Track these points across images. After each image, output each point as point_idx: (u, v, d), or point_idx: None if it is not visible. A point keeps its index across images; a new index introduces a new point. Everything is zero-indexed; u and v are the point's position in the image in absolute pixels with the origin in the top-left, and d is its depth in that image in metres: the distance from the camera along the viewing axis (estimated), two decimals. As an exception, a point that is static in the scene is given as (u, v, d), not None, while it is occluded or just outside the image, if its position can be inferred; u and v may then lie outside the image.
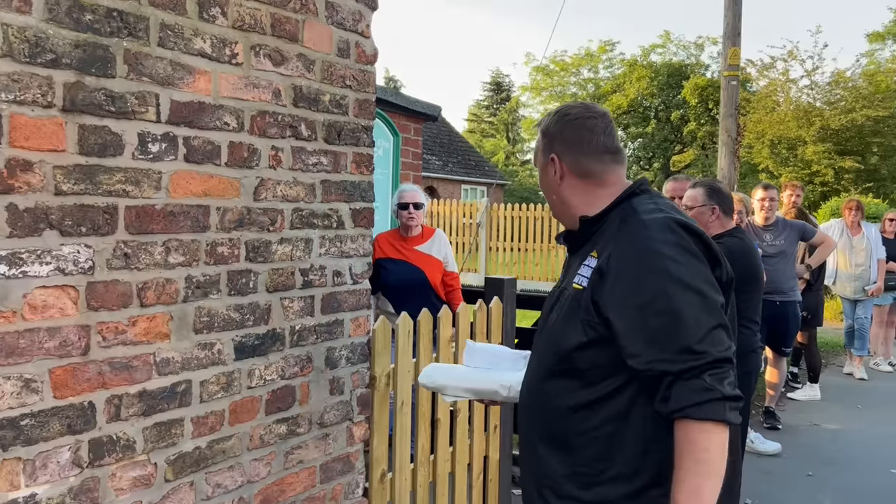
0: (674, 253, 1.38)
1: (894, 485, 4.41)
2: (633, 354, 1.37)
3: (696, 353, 1.32)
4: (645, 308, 1.36)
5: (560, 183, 1.61)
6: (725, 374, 1.33)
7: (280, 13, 2.01)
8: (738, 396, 1.34)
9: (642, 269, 1.38)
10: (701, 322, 1.34)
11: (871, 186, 15.80)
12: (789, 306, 5.35)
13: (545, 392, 1.54)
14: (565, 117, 1.62)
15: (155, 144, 1.73)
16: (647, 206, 1.50)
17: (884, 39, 31.30)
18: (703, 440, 1.31)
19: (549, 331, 1.57)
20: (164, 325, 1.77)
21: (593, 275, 1.46)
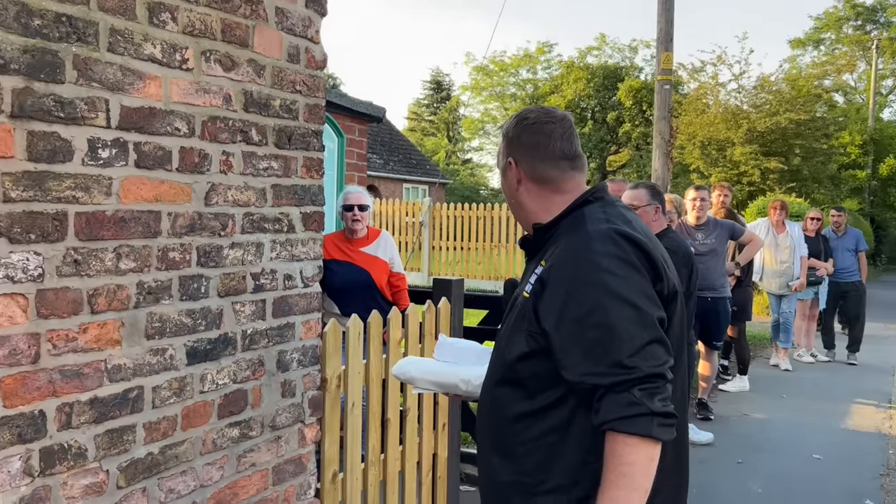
0: (612, 265, 1.37)
1: (817, 469, 4.68)
2: (567, 367, 1.38)
3: (627, 367, 1.31)
4: (580, 321, 1.35)
5: (518, 187, 1.60)
6: (657, 389, 1.32)
7: (230, 19, 2.02)
8: (669, 413, 1.33)
9: (579, 281, 1.38)
10: (635, 336, 1.33)
11: (794, 186, 16.58)
12: (720, 302, 5.61)
13: (495, 398, 1.55)
14: (524, 121, 1.60)
15: (105, 150, 1.72)
16: (596, 215, 1.49)
17: (805, 46, 32.85)
18: (627, 454, 1.30)
19: (499, 338, 1.58)
20: (116, 332, 1.76)
21: (537, 283, 1.45)
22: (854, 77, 32.37)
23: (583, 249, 1.41)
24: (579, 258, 1.40)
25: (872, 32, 30.96)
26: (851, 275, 8.19)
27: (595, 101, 28.61)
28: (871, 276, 19.20)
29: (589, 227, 1.45)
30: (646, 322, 1.35)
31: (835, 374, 7.59)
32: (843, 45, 32.00)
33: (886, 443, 5.26)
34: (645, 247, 1.43)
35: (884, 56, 29.36)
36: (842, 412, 6.09)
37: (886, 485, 4.42)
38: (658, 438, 1.32)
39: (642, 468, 1.32)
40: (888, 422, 5.81)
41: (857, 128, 23.38)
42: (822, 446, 5.11)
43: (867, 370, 7.86)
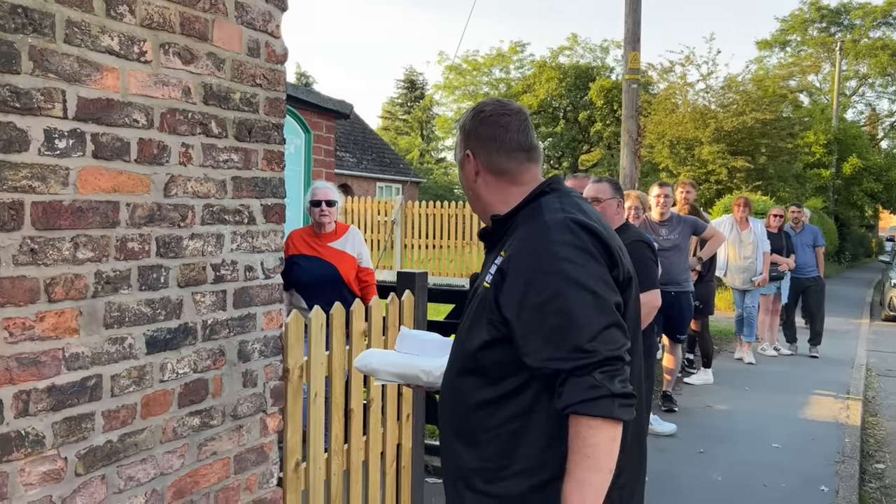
0: (570, 254, 1.41)
1: (775, 457, 4.81)
2: (528, 353, 1.41)
3: (587, 351, 1.34)
4: (540, 308, 1.39)
5: (475, 179, 1.63)
6: (617, 371, 1.36)
7: (189, 12, 2.04)
8: (629, 394, 1.36)
9: (538, 270, 1.41)
10: (593, 321, 1.36)
11: (760, 185, 16.90)
12: (683, 296, 5.73)
13: (456, 388, 1.58)
14: (480, 114, 1.63)
15: (62, 141, 1.73)
16: (552, 205, 1.52)
17: (771, 47, 33.45)
18: (591, 436, 1.34)
19: (461, 328, 1.60)
20: (73, 321, 1.78)
21: (497, 274, 1.48)
22: (819, 78, 33.05)
23: (540, 239, 1.44)
24: (537, 247, 1.44)
25: (836, 35, 31.62)
26: (811, 270, 8.40)
27: (567, 101, 28.84)
28: (834, 273, 19.69)
29: (546, 217, 1.48)
30: (603, 307, 1.39)
31: (796, 367, 7.78)
32: (809, 46, 32.66)
33: (843, 431, 5.42)
34: (600, 235, 1.47)
35: (847, 58, 30.02)
36: (802, 403, 6.26)
37: (841, 471, 4.56)
38: (619, 419, 1.35)
39: (606, 449, 1.34)
40: (845, 412, 5.99)
41: (822, 128, 23.86)
42: (781, 436, 5.25)
43: (828, 363, 8.07)
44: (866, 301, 14.67)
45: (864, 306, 13.81)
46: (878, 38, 31.30)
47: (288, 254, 4.04)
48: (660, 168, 18.49)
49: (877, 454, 5.25)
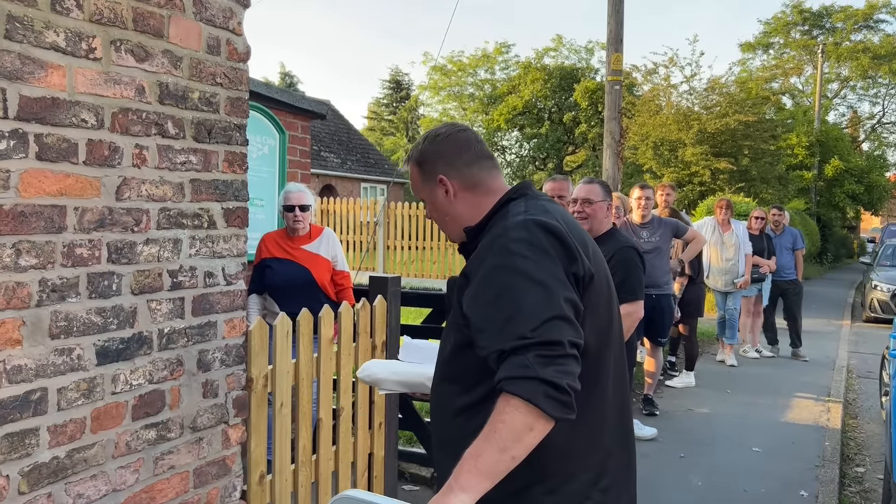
0: (522, 249, 1.42)
1: (756, 461, 4.78)
2: (481, 346, 1.41)
3: (527, 336, 1.33)
4: (492, 302, 1.39)
5: (453, 201, 1.64)
6: (555, 359, 1.31)
7: (143, 8, 1.96)
8: (561, 386, 1.29)
9: (492, 266, 1.43)
10: (539, 311, 1.35)
11: (743, 186, 16.93)
12: (664, 299, 5.70)
13: (438, 396, 1.60)
14: (438, 137, 1.66)
15: (2, 142, 1.64)
16: (517, 209, 1.54)
17: (754, 49, 33.69)
18: (505, 411, 1.30)
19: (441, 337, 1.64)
20: (16, 331, 1.69)
21: (461, 278, 1.52)
22: (801, 80, 33.30)
23: (498, 238, 1.47)
24: (494, 247, 1.46)
25: (819, 37, 31.86)
26: (790, 273, 8.40)
27: (552, 102, 28.83)
28: (816, 274, 19.82)
29: (508, 220, 1.51)
30: (551, 300, 1.37)
31: (778, 370, 7.78)
32: (791, 49, 32.86)
33: (823, 435, 5.40)
34: (557, 232, 1.46)
35: (829, 60, 30.26)
36: (783, 406, 6.24)
37: (821, 475, 4.53)
38: (542, 410, 1.28)
39: (514, 431, 1.29)
40: (826, 415, 5.97)
41: (804, 130, 24.00)
42: (762, 439, 5.22)
43: (809, 365, 8.07)
44: (848, 302, 14.75)
45: (846, 307, 13.88)
46: (860, 41, 31.56)
47: (261, 257, 3.96)
48: (643, 169, 18.51)
49: (857, 457, 5.23)
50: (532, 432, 1.30)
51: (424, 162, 1.66)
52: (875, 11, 31.05)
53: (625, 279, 3.23)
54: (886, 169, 30.99)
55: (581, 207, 3.44)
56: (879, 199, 27.99)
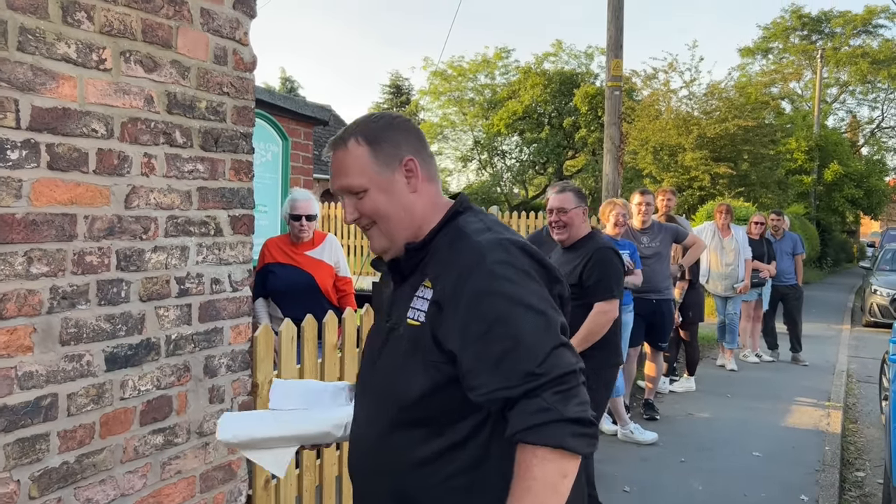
0: (510, 274, 1.27)
1: (757, 466, 4.80)
2: (475, 387, 1.25)
3: (537, 374, 1.20)
4: (484, 336, 1.24)
5: (415, 192, 1.40)
6: (572, 391, 1.21)
7: (151, 19, 1.99)
8: (586, 420, 1.20)
9: (478, 294, 1.26)
10: (543, 342, 1.23)
11: (743, 191, 16.97)
12: (664, 304, 5.73)
13: (389, 447, 1.36)
14: (395, 119, 1.44)
15: (14, 151, 1.67)
16: (475, 225, 1.38)
17: (753, 54, 33.79)
18: (534, 466, 1.18)
19: (382, 376, 1.38)
20: (27, 338, 1.72)
21: (431, 307, 1.31)
22: (800, 85, 33.37)
23: (477, 261, 1.29)
24: (473, 271, 1.28)
25: (818, 42, 31.94)
26: (790, 278, 8.43)
27: (552, 107, 28.87)
28: (816, 278, 19.84)
29: (477, 239, 1.33)
30: (551, 327, 1.26)
31: (778, 374, 7.79)
32: (790, 54, 32.94)
33: (823, 439, 5.42)
34: (535, 253, 1.35)
35: (828, 65, 30.33)
36: (783, 410, 6.26)
37: (821, 480, 4.55)
38: (572, 450, 1.19)
39: (550, 485, 1.18)
40: (826, 419, 5.99)
41: (804, 134, 24.05)
42: (762, 444, 5.23)
43: (809, 369, 8.09)
44: (847, 306, 14.77)
45: (846, 312, 13.90)
46: (859, 45, 31.65)
47: (264, 262, 3.98)
48: (643, 174, 18.55)
49: (857, 462, 5.25)
50: (566, 478, 1.20)
51: (382, 141, 1.39)
52: (874, 16, 31.14)
53: (601, 278, 3.33)
54: (886, 173, 31.04)
55: (557, 217, 3.45)
56: (879, 204, 28.03)
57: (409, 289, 1.37)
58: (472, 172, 34.18)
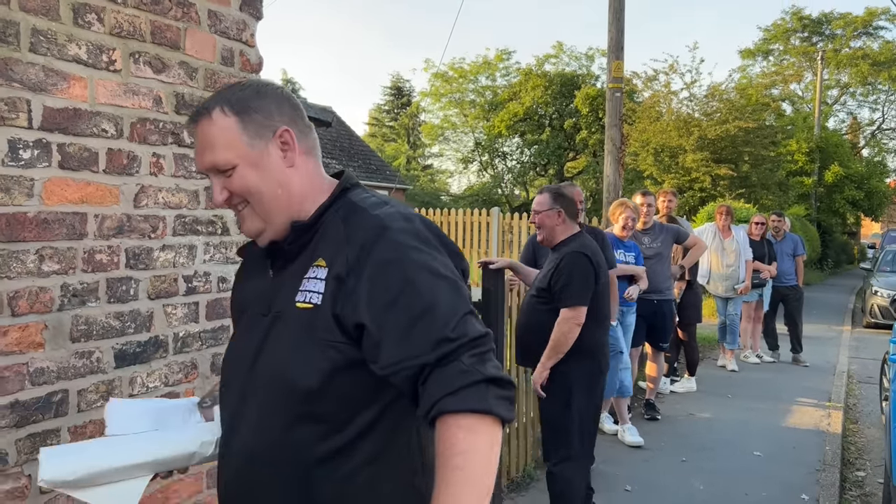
0: (415, 242, 1.20)
1: (757, 465, 4.82)
2: (383, 359, 1.15)
3: (451, 339, 1.12)
4: (393, 303, 1.14)
5: (293, 165, 1.28)
6: (486, 354, 1.13)
7: (160, 21, 2.02)
8: (507, 380, 1.13)
9: (385, 262, 1.17)
10: (454, 308, 1.15)
11: (743, 192, 17.01)
12: (665, 304, 5.76)
13: (288, 447, 1.21)
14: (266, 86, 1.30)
15: (27, 151, 1.70)
16: (370, 200, 1.29)
17: (754, 56, 33.82)
18: (462, 440, 1.07)
19: (271, 372, 1.23)
20: (38, 335, 1.74)
21: (329, 286, 1.19)
22: (801, 87, 33.42)
23: (377, 233, 1.20)
24: (377, 242, 1.19)
25: (818, 44, 31.99)
26: (790, 279, 8.45)
27: (553, 109, 28.94)
28: (817, 280, 19.85)
29: (375, 212, 1.24)
30: (462, 293, 1.18)
31: (779, 375, 7.81)
32: (791, 55, 32.99)
33: (824, 439, 5.44)
34: (436, 227, 1.28)
35: (829, 67, 30.36)
36: (784, 411, 6.28)
37: (821, 479, 4.57)
38: (497, 415, 1.09)
39: (482, 457, 1.08)
40: (826, 419, 6.01)
41: (804, 136, 24.09)
42: (763, 444, 5.26)
43: (810, 370, 8.11)
44: (848, 308, 14.79)
45: (846, 313, 13.92)
46: (859, 47, 31.69)
47: None
48: (644, 176, 18.58)
49: (857, 462, 5.27)
50: (495, 448, 1.10)
51: (252, 110, 1.25)
52: (874, 18, 31.18)
53: (567, 284, 3.21)
54: (886, 175, 31.07)
55: (532, 218, 3.48)
56: (879, 205, 28.05)
57: (294, 273, 1.24)
58: (473, 174, 34.27)
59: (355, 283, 1.17)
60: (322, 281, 1.20)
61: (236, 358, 1.31)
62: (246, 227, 1.30)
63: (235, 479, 1.28)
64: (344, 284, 1.18)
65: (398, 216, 1.24)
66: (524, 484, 4.30)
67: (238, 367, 1.29)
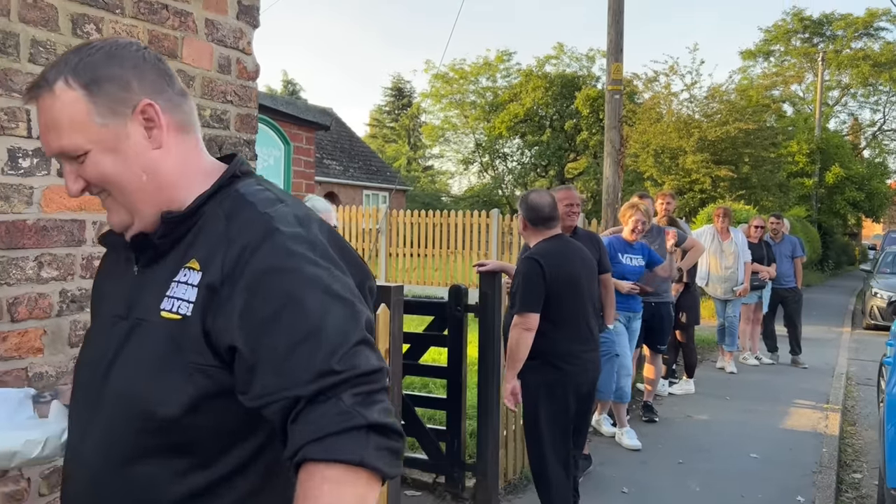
0: (308, 253, 1.00)
1: (754, 467, 4.84)
2: (253, 387, 0.96)
3: (335, 371, 0.93)
4: (272, 322, 0.95)
5: (161, 146, 1.06)
6: (375, 394, 0.95)
7: (158, 30, 2.05)
8: (391, 428, 0.94)
9: (268, 271, 0.98)
10: (344, 335, 0.96)
11: (744, 194, 17.03)
12: (663, 307, 5.78)
13: (134, 481, 1.02)
14: (120, 48, 1.07)
15: (26, 160, 1.73)
16: (263, 194, 1.08)
17: (755, 57, 33.83)
18: (325, 495, 0.88)
19: (126, 386, 1.03)
20: (38, 340, 1.77)
21: (201, 294, 1.00)
22: (802, 88, 33.44)
23: (264, 235, 1.01)
24: (261, 245, 0.99)
25: (819, 45, 32.01)
26: (789, 281, 8.47)
27: (553, 110, 28.99)
28: (818, 281, 19.86)
29: (260, 209, 1.04)
30: (355, 319, 0.99)
31: (778, 376, 7.83)
32: (792, 56, 33.01)
33: (821, 441, 5.46)
34: (340, 237, 1.11)
35: (829, 68, 30.37)
36: (782, 413, 6.30)
37: (818, 482, 4.59)
38: (375, 469, 0.90)
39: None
40: (824, 421, 6.03)
41: (805, 137, 24.11)
42: (760, 446, 5.28)
43: (808, 372, 8.13)
44: (848, 309, 14.80)
45: (847, 314, 13.93)
46: (860, 48, 31.69)
47: None
48: (645, 177, 18.61)
49: (854, 464, 5.29)
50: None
51: (104, 80, 1.03)
52: (875, 19, 31.19)
53: (516, 290, 3.21)
54: (887, 176, 31.07)
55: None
56: (880, 207, 28.07)
57: (163, 272, 1.05)
58: (473, 175, 34.30)
59: (230, 293, 0.98)
60: (194, 288, 1.01)
61: (90, 362, 1.11)
62: (111, 219, 1.10)
63: (80, 498, 1.08)
64: (217, 295, 0.99)
65: (292, 218, 1.04)
66: (521, 486, 4.33)
67: (90, 373, 1.09)
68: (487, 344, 3.90)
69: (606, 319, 4.41)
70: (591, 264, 3.40)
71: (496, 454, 3.98)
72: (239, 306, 0.97)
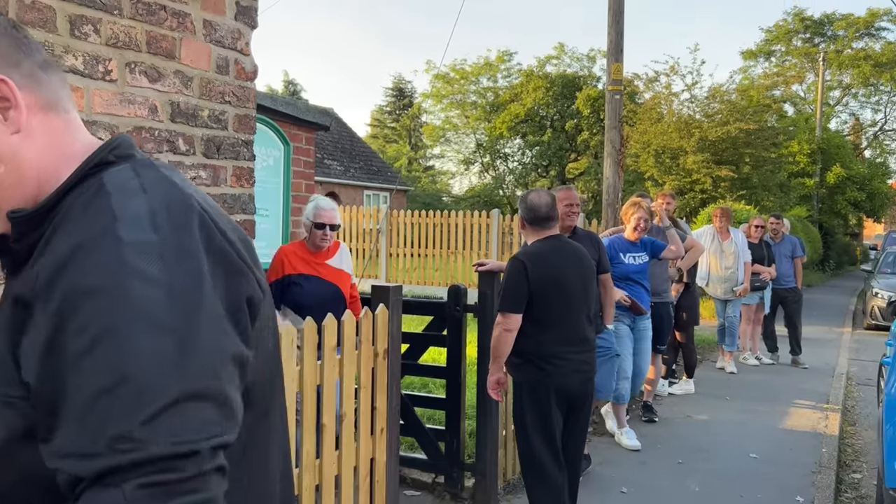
0: (146, 263, 0.77)
1: (753, 467, 4.85)
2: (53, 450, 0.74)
3: (134, 440, 0.71)
4: (81, 357, 0.73)
5: (20, 130, 0.87)
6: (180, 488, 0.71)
7: (156, 31, 2.05)
8: None
9: (87, 290, 0.75)
10: (164, 387, 0.73)
11: (745, 194, 17.02)
12: (663, 307, 5.79)
13: None
14: None
15: None
16: (127, 183, 0.84)
17: (756, 57, 33.82)
18: None
19: None
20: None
21: (16, 311, 0.81)
22: (803, 88, 33.43)
23: (95, 236, 0.79)
24: (88, 252, 0.78)
25: (820, 45, 31.99)
26: (789, 281, 8.47)
27: (554, 110, 28.99)
28: (819, 281, 19.86)
29: (114, 199, 0.82)
30: (193, 359, 0.76)
31: (778, 377, 7.83)
32: (793, 57, 32.99)
33: (820, 441, 5.46)
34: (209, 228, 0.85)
35: (831, 68, 30.35)
36: (781, 413, 6.30)
37: (817, 482, 4.60)
38: None
39: None
40: (824, 421, 6.04)
41: (806, 137, 24.10)
42: (759, 446, 5.28)
43: (808, 372, 8.14)
44: (849, 309, 14.79)
45: (847, 314, 13.93)
46: (861, 48, 31.66)
47: (284, 272, 3.82)
48: (645, 177, 18.61)
49: (854, 464, 5.29)
50: None
51: None
52: (876, 19, 31.18)
53: (500, 290, 3.20)
54: (888, 176, 31.05)
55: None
56: (881, 207, 28.05)
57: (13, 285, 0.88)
58: (474, 175, 34.30)
59: (40, 315, 0.77)
60: (14, 300, 0.83)
61: None
62: None
63: None
64: (30, 314, 0.79)
65: (145, 215, 0.80)
66: (520, 486, 4.33)
67: None
68: (486, 344, 3.90)
69: (606, 319, 4.42)
70: (587, 265, 3.36)
71: (495, 454, 3.99)
72: (45, 333, 0.76)
